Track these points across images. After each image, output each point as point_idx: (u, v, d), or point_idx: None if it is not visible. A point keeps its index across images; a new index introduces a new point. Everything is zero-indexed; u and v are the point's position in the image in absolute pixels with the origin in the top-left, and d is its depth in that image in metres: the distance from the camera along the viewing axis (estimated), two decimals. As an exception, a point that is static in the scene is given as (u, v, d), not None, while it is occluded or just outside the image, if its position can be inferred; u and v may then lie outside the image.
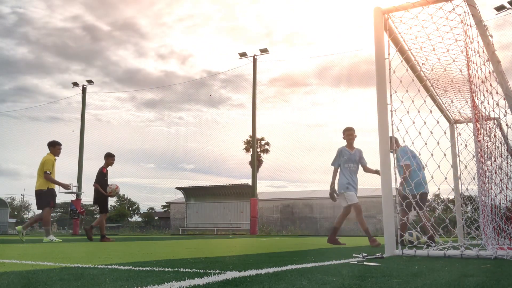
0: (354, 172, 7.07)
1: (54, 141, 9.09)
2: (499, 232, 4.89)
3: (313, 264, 3.06)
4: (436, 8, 4.29)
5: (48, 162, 8.81)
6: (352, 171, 7.05)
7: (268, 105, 39.95)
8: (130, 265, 2.93)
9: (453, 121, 8.22)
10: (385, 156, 4.34)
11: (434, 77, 6.03)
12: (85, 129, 27.88)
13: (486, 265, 3.09)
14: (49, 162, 8.82)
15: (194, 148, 43.03)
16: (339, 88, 39.71)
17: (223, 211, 26.62)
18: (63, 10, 58.53)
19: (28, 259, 3.50)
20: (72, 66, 59.11)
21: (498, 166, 5.36)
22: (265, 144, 37.51)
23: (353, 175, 7.04)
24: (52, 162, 8.87)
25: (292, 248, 5.63)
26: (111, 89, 59.78)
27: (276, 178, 58.58)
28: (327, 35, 50.58)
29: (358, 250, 4.80)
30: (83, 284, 1.98)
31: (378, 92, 4.43)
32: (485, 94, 4.68)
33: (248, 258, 3.65)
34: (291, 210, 29.37)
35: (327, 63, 26.21)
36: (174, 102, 49.10)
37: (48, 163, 8.80)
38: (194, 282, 2.01)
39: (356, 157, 7.08)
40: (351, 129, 7.21)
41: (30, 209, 62.42)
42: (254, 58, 23.87)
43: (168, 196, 39.61)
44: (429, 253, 4.00)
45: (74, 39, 57.10)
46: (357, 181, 7.08)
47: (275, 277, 2.24)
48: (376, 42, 4.46)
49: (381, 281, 2.14)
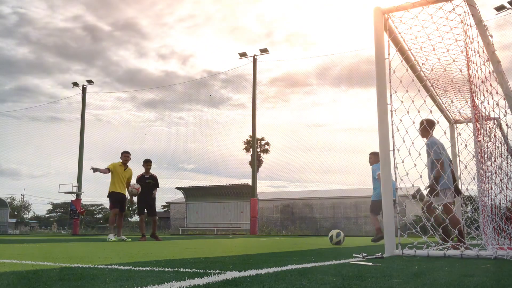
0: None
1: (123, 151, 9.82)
2: (499, 232, 4.89)
3: (313, 264, 3.06)
4: (436, 8, 4.29)
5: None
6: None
7: (268, 105, 39.98)
8: (130, 265, 2.93)
9: (453, 121, 8.22)
10: (385, 156, 4.34)
11: (434, 77, 6.03)
12: (85, 129, 27.92)
13: (486, 265, 3.09)
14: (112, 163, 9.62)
15: (195, 148, 43.07)
16: (339, 88, 39.76)
17: (223, 211, 26.62)
18: (64, 10, 58.61)
19: (28, 259, 3.50)
20: (73, 66, 59.15)
21: (498, 166, 5.36)
22: (265, 144, 37.52)
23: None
24: (114, 165, 9.56)
25: (292, 248, 5.63)
26: (112, 89, 59.74)
27: (276, 178, 58.65)
28: (328, 35, 50.66)
29: (358, 250, 4.80)
30: (83, 284, 1.98)
31: (378, 92, 4.43)
32: (485, 94, 4.68)
33: (248, 258, 3.65)
34: (291, 210, 29.37)
35: (328, 63, 26.32)
36: (175, 102, 49.08)
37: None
38: (194, 282, 2.01)
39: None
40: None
41: (30, 209, 62.49)
42: (254, 58, 23.88)
43: (168, 196, 39.59)
44: (429, 253, 4.00)
45: (75, 39, 57.16)
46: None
47: (275, 277, 2.24)
48: (376, 42, 4.46)
49: (381, 281, 2.13)
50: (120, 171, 9.38)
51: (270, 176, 65.89)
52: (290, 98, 41.67)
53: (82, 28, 57.57)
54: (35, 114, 66.12)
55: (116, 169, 9.37)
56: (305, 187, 32.46)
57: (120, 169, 9.40)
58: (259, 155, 35.12)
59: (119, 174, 9.36)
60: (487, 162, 4.97)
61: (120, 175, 9.37)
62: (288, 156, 30.32)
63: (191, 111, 43.75)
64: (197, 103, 38.44)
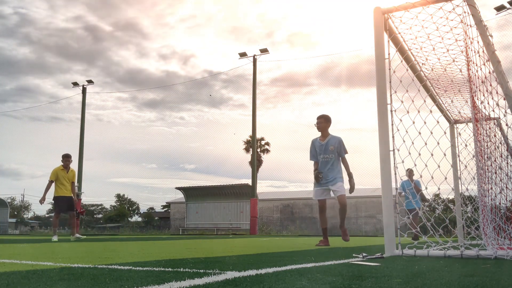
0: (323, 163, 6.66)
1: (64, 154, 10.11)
2: (499, 232, 4.89)
3: (313, 264, 3.06)
4: (436, 8, 4.29)
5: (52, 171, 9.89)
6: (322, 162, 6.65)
7: (269, 105, 40.00)
8: (130, 265, 2.93)
9: (453, 121, 8.22)
10: (385, 156, 4.33)
11: (434, 77, 6.03)
12: (86, 129, 27.93)
13: (486, 265, 3.09)
14: (52, 171, 9.88)
15: (195, 148, 43.11)
16: (340, 88, 39.75)
17: (223, 211, 26.61)
18: (65, 10, 58.62)
19: (28, 259, 3.50)
20: (74, 67, 59.17)
21: (498, 166, 5.36)
22: (265, 144, 37.54)
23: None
24: (55, 172, 9.86)
25: (292, 248, 5.63)
26: (113, 89, 59.81)
27: (276, 178, 58.69)
28: (328, 35, 50.66)
29: (358, 250, 4.80)
30: (83, 284, 1.97)
31: (378, 92, 4.43)
32: (485, 94, 4.68)
33: (248, 258, 3.65)
34: (291, 210, 29.38)
35: (328, 63, 26.32)
36: (175, 102, 49.13)
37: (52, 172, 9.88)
38: (194, 282, 2.01)
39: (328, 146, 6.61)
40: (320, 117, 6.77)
41: (30, 209, 62.48)
42: (254, 58, 23.88)
43: (168, 196, 39.62)
44: (429, 253, 4.00)
45: (76, 39, 57.18)
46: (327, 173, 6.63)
47: (275, 277, 2.24)
48: (376, 42, 4.46)
49: (381, 281, 2.13)
50: (62, 174, 9.83)
51: (270, 176, 65.96)
52: (290, 98, 41.69)
53: (83, 28, 57.65)
54: (36, 114, 66.03)
55: (58, 174, 9.81)
56: (305, 187, 32.47)
57: (62, 173, 9.84)
58: (259, 155, 35.13)
59: (62, 178, 9.83)
60: (487, 162, 4.97)
61: (63, 179, 9.83)
62: (288, 156, 30.36)
63: (191, 111, 43.80)
64: (198, 103, 38.47)
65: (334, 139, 6.60)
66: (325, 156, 6.58)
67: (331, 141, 6.59)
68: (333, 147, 6.56)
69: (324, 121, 6.73)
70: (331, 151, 6.55)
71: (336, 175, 6.56)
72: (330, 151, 6.55)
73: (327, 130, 6.73)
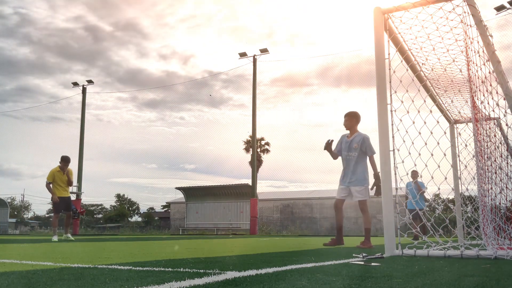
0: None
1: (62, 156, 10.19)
2: (499, 232, 4.89)
3: (313, 264, 3.06)
4: (436, 8, 4.29)
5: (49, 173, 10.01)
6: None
7: (269, 105, 39.99)
8: (130, 265, 2.93)
9: (453, 121, 8.22)
10: (385, 156, 4.34)
11: (434, 77, 6.03)
12: (85, 129, 27.91)
13: (486, 265, 3.09)
14: (49, 173, 10.00)
15: (195, 148, 43.13)
16: (340, 88, 39.76)
17: (223, 211, 26.62)
18: (65, 10, 58.62)
19: (28, 259, 3.50)
20: (74, 67, 59.15)
21: (498, 166, 5.36)
22: (265, 144, 37.54)
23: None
24: (51, 173, 9.96)
25: (292, 248, 5.63)
26: (113, 89, 59.83)
27: (276, 178, 58.67)
28: (328, 35, 50.67)
29: (358, 250, 4.80)
30: (83, 284, 1.97)
31: (378, 92, 4.43)
32: (485, 94, 4.68)
33: (248, 258, 3.65)
34: (291, 210, 29.37)
35: (328, 63, 26.29)
36: (175, 102, 49.16)
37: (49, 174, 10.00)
38: (194, 282, 2.01)
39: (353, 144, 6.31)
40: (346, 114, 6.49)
41: (30, 209, 62.49)
42: (254, 58, 23.87)
43: (168, 196, 39.62)
44: (429, 253, 4.00)
45: (76, 39, 57.19)
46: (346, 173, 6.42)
47: (275, 277, 2.24)
48: (376, 42, 4.46)
49: (381, 281, 2.13)
50: (59, 176, 9.98)
51: (270, 176, 66.00)
52: (290, 98, 41.70)
53: (83, 28, 57.64)
54: (36, 114, 66.05)
55: (55, 175, 9.95)
56: (305, 187, 32.50)
57: (59, 174, 9.97)
58: (259, 155, 35.13)
59: (58, 179, 9.98)
60: (487, 162, 4.97)
61: (59, 181, 9.99)
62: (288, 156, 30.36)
63: (191, 111, 43.82)
64: (198, 103, 38.52)
65: (359, 137, 6.26)
66: (349, 153, 6.30)
67: (356, 138, 6.26)
68: (357, 145, 6.23)
69: (349, 119, 6.39)
70: (354, 149, 6.23)
71: (359, 176, 6.27)
72: (353, 149, 6.23)
73: (354, 127, 6.38)
